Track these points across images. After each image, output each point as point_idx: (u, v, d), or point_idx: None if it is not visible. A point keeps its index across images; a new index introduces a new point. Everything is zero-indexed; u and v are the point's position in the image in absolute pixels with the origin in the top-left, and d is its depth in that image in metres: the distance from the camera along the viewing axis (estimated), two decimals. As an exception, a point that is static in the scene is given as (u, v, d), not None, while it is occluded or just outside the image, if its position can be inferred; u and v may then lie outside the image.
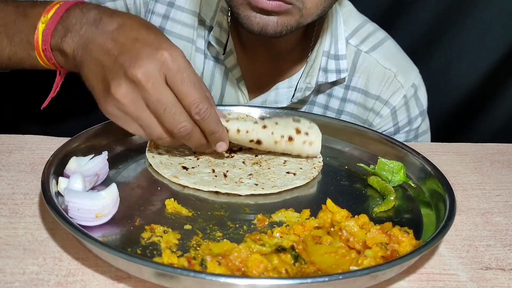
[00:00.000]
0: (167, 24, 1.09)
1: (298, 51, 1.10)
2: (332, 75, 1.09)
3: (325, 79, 1.09)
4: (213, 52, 1.09)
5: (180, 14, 1.09)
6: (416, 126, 1.17)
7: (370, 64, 1.12)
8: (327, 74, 1.09)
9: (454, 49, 1.44)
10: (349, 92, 1.13)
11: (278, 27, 0.90)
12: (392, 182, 0.80)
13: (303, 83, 1.09)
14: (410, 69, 1.15)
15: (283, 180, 0.80)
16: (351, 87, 1.13)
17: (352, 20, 1.13)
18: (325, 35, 1.08)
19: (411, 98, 1.13)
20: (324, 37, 1.08)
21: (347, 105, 1.14)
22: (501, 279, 0.64)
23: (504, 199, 0.83)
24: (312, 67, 1.08)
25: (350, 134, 0.93)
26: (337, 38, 1.09)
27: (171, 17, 1.09)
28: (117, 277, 0.59)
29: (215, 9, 1.07)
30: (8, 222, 0.67)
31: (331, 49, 1.09)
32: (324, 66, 1.09)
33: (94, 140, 0.82)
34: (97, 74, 0.72)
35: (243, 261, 0.58)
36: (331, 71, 1.09)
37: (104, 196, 0.65)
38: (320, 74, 1.09)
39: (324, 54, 1.08)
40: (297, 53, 1.10)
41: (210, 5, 1.07)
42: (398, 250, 0.62)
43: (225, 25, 1.06)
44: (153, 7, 1.08)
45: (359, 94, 1.13)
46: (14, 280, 0.57)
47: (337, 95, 1.14)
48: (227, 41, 1.06)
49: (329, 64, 1.09)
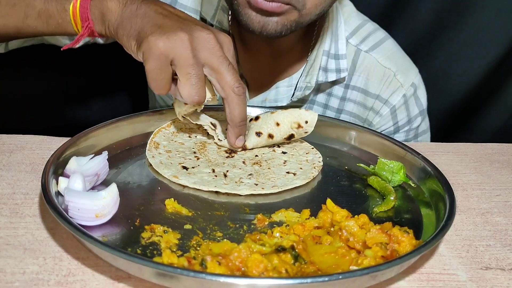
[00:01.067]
0: None
1: (298, 50, 1.10)
2: (332, 74, 1.09)
3: (325, 78, 1.09)
4: None
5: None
6: (416, 125, 1.17)
7: (370, 63, 1.12)
8: (327, 74, 1.09)
9: (454, 49, 1.44)
10: (349, 91, 1.14)
11: (278, 26, 0.91)
12: (392, 182, 0.80)
13: (303, 82, 1.09)
14: (409, 69, 1.15)
15: (283, 180, 0.80)
16: (351, 86, 1.14)
17: (352, 19, 1.13)
18: (326, 34, 1.09)
19: (411, 97, 1.14)
20: (324, 37, 1.09)
21: (346, 104, 1.14)
22: (501, 279, 0.64)
23: (504, 199, 0.83)
24: (312, 66, 1.09)
25: (350, 134, 0.93)
26: (338, 38, 1.10)
27: None
28: (117, 277, 0.59)
29: (216, 7, 1.07)
30: (9, 222, 0.67)
31: (331, 49, 1.09)
32: (324, 66, 1.09)
33: (94, 140, 0.82)
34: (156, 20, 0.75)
35: (243, 261, 0.58)
36: (331, 71, 1.09)
37: (104, 196, 0.65)
38: (320, 74, 1.09)
39: (324, 53, 1.09)
40: (297, 52, 1.10)
41: (211, 3, 1.08)
42: (398, 250, 0.62)
43: (226, 24, 1.06)
44: None
45: (358, 93, 1.14)
46: (14, 280, 0.57)
47: (336, 94, 1.14)
48: None
49: (329, 64, 1.09)
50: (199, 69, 0.75)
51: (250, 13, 0.91)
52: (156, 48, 0.73)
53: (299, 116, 0.87)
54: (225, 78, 0.75)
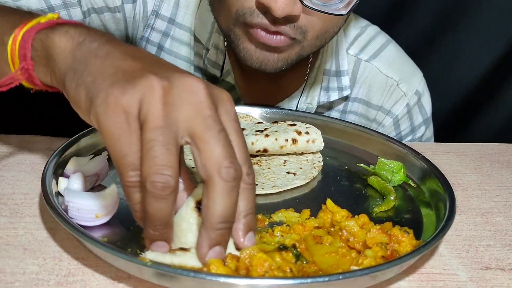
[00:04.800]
0: (167, 42, 1.03)
1: (296, 69, 1.04)
2: (334, 93, 1.06)
3: (327, 98, 1.06)
4: (210, 73, 1.04)
5: (179, 31, 1.03)
6: (419, 135, 1.14)
7: (371, 73, 1.09)
8: (329, 93, 1.06)
9: (454, 50, 1.44)
10: (350, 104, 1.11)
11: (278, 63, 0.87)
12: (392, 182, 0.80)
13: (304, 103, 1.06)
14: (413, 75, 1.12)
15: (283, 180, 0.80)
16: (352, 98, 1.10)
17: (351, 29, 1.09)
18: (326, 52, 1.05)
19: (414, 106, 1.11)
20: (324, 55, 1.05)
21: (348, 116, 1.12)
22: (501, 279, 0.64)
23: (504, 199, 0.83)
24: (313, 87, 1.05)
25: (350, 134, 0.93)
26: (339, 54, 1.06)
27: (171, 35, 1.03)
28: (117, 277, 0.59)
29: (211, 30, 1.01)
30: (8, 222, 0.67)
31: (332, 66, 1.05)
32: (325, 86, 1.05)
33: (94, 140, 0.82)
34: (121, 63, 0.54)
35: (250, 261, 0.58)
36: (333, 90, 1.06)
37: (104, 196, 0.65)
38: (321, 94, 1.06)
39: (326, 72, 1.05)
40: (295, 71, 1.05)
41: (205, 25, 1.02)
42: (398, 250, 0.62)
43: (222, 46, 1.01)
44: (153, 23, 1.02)
45: (360, 105, 1.11)
46: (14, 280, 0.57)
47: (337, 107, 1.11)
48: (223, 62, 1.02)
49: (331, 83, 1.06)
50: (170, 135, 0.50)
51: (250, 47, 0.85)
52: (113, 100, 0.50)
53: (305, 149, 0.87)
54: (209, 150, 0.50)
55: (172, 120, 0.50)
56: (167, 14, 1.02)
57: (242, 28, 0.85)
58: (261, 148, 0.84)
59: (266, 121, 0.94)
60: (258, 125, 0.90)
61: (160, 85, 0.50)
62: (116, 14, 0.99)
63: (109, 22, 0.99)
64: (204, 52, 1.04)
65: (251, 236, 0.56)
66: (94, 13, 0.97)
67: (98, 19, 0.98)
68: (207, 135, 0.50)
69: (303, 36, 0.85)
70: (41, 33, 0.59)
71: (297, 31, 0.83)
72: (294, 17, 0.82)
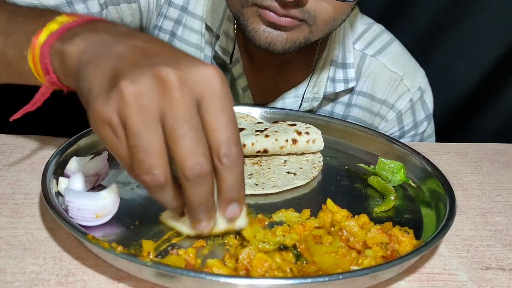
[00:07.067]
0: (179, 29, 1.06)
1: (302, 58, 1.08)
2: (340, 84, 1.08)
3: (333, 89, 1.08)
4: (220, 60, 1.07)
5: (190, 19, 1.06)
6: (421, 130, 1.15)
7: (376, 68, 1.11)
8: (335, 84, 1.08)
9: (454, 49, 1.43)
10: (354, 97, 1.12)
11: (287, 43, 0.88)
12: (392, 182, 0.80)
13: (311, 93, 1.08)
14: (416, 72, 1.13)
15: (283, 180, 0.80)
16: (356, 92, 1.12)
17: (358, 25, 1.11)
18: (333, 43, 1.07)
19: (417, 101, 1.12)
20: (332, 46, 1.07)
21: (352, 110, 1.13)
22: (501, 279, 0.64)
23: (504, 199, 0.83)
24: (320, 77, 1.07)
25: (350, 134, 0.93)
26: (345, 46, 1.08)
27: (183, 23, 1.06)
28: (117, 277, 0.59)
29: (222, 17, 1.04)
30: (9, 222, 0.67)
31: (339, 58, 1.07)
32: (332, 76, 1.07)
33: (94, 140, 0.82)
34: (105, 70, 0.54)
35: (250, 261, 0.58)
36: (339, 81, 1.08)
37: (104, 196, 0.65)
38: (328, 84, 1.08)
39: (332, 63, 1.07)
40: (302, 61, 1.08)
41: (216, 13, 1.05)
42: (398, 250, 0.62)
43: (232, 34, 1.04)
44: (165, 11, 1.05)
45: (364, 99, 1.12)
46: (14, 280, 0.57)
47: (342, 100, 1.12)
48: (233, 50, 1.04)
49: (337, 74, 1.08)
50: (150, 137, 0.52)
51: (258, 27, 0.87)
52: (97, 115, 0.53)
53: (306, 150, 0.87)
54: (175, 151, 0.52)
55: (150, 121, 0.51)
56: (180, 2, 1.06)
57: (252, 9, 0.86)
58: (261, 149, 0.85)
59: (266, 121, 0.94)
60: (258, 125, 0.90)
61: (132, 91, 0.51)
62: (132, 4, 1.01)
63: (125, 14, 1.02)
64: (214, 40, 1.06)
65: (233, 208, 0.57)
66: (111, 5, 0.99)
67: (115, 11, 1.00)
68: (175, 135, 0.52)
69: (313, 20, 0.86)
70: (55, 45, 0.61)
71: (306, 14, 0.85)
72: (303, 1, 0.84)
